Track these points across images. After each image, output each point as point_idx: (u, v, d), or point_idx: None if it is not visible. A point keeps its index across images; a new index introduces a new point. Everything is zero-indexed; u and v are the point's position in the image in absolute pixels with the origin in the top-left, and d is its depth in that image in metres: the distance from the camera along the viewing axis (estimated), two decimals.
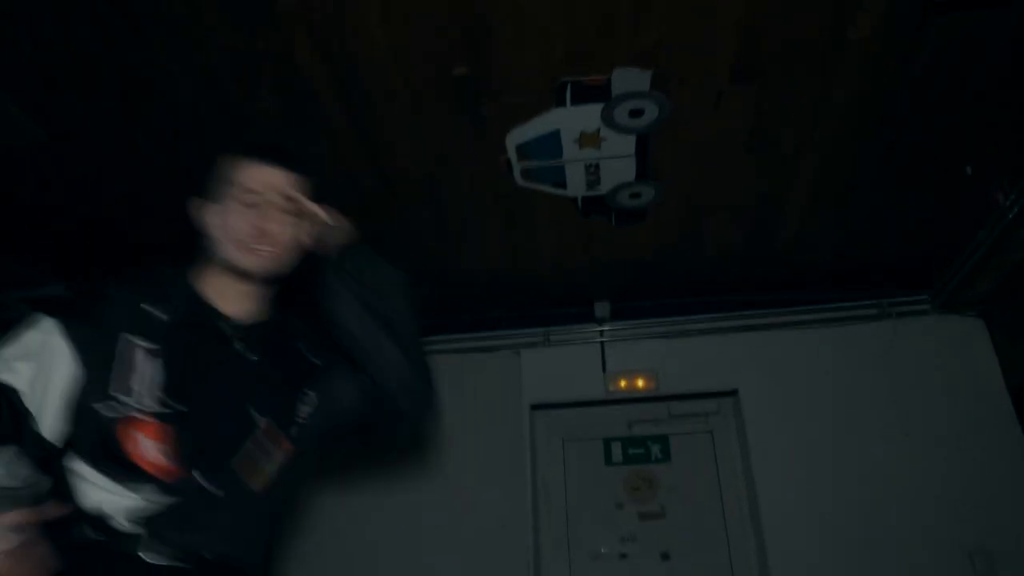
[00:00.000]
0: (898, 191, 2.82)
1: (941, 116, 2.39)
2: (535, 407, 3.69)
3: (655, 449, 3.69)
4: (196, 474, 1.20)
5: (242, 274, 1.36)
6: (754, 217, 2.99)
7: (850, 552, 3.13)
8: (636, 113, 2.33)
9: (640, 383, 3.60)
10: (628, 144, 2.50)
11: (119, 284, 1.30)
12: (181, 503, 1.18)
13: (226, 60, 2.11)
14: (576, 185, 2.73)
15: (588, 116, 2.35)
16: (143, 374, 1.21)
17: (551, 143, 2.48)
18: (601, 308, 3.72)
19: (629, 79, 2.19)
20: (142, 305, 1.27)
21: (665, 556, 3.45)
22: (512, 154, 2.53)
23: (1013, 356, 3.35)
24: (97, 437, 1.17)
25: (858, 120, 2.41)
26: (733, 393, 3.59)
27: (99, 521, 1.15)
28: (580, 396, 3.69)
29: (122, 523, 1.15)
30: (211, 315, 1.35)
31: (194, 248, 1.41)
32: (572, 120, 2.37)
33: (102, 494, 1.16)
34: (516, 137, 2.45)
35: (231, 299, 1.38)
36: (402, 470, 3.51)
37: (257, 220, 1.34)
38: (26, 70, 2.11)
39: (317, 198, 1.41)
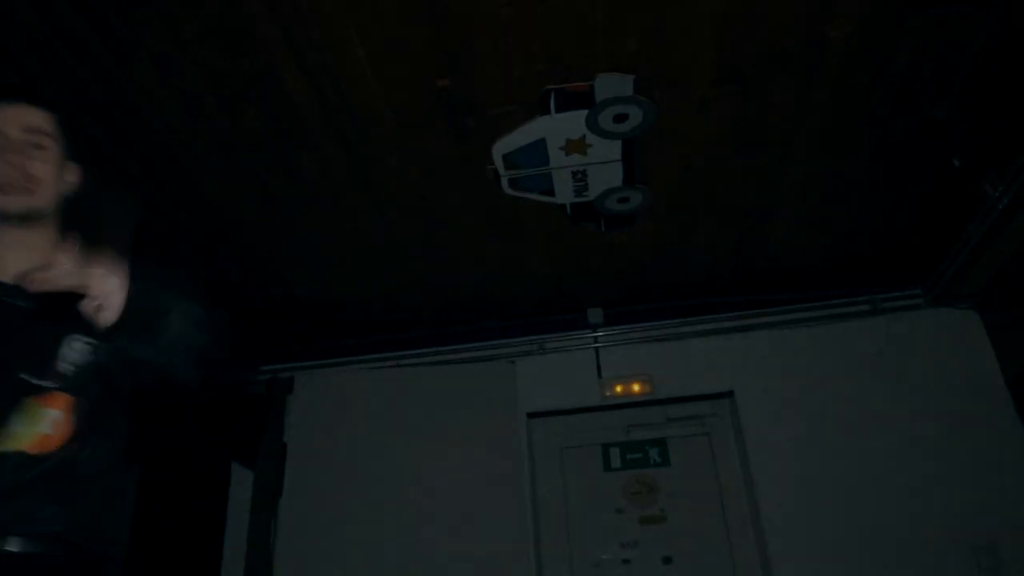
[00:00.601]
0: (887, 187, 2.82)
1: (927, 110, 2.39)
2: (532, 415, 3.68)
3: (653, 453, 3.67)
4: None
5: (3, 219, 1.31)
6: (744, 217, 2.98)
7: (852, 550, 3.11)
8: (620, 118, 2.33)
9: (636, 387, 3.59)
10: (614, 149, 2.50)
11: None
12: None
13: (211, 84, 2.11)
14: (564, 192, 2.72)
15: (573, 123, 2.35)
16: None
17: (537, 151, 2.48)
18: (594, 314, 3.72)
19: (612, 84, 2.19)
20: None
21: (667, 560, 3.43)
22: (499, 164, 2.52)
23: (1009, 346, 3.34)
24: None
25: (844, 117, 2.42)
26: (729, 395, 3.58)
27: None
28: (576, 403, 3.68)
29: None
30: None
31: None
32: (557, 127, 2.37)
33: None
34: (502, 147, 2.45)
35: (3, 257, 1.30)
36: (400, 482, 3.49)
37: None
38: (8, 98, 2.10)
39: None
